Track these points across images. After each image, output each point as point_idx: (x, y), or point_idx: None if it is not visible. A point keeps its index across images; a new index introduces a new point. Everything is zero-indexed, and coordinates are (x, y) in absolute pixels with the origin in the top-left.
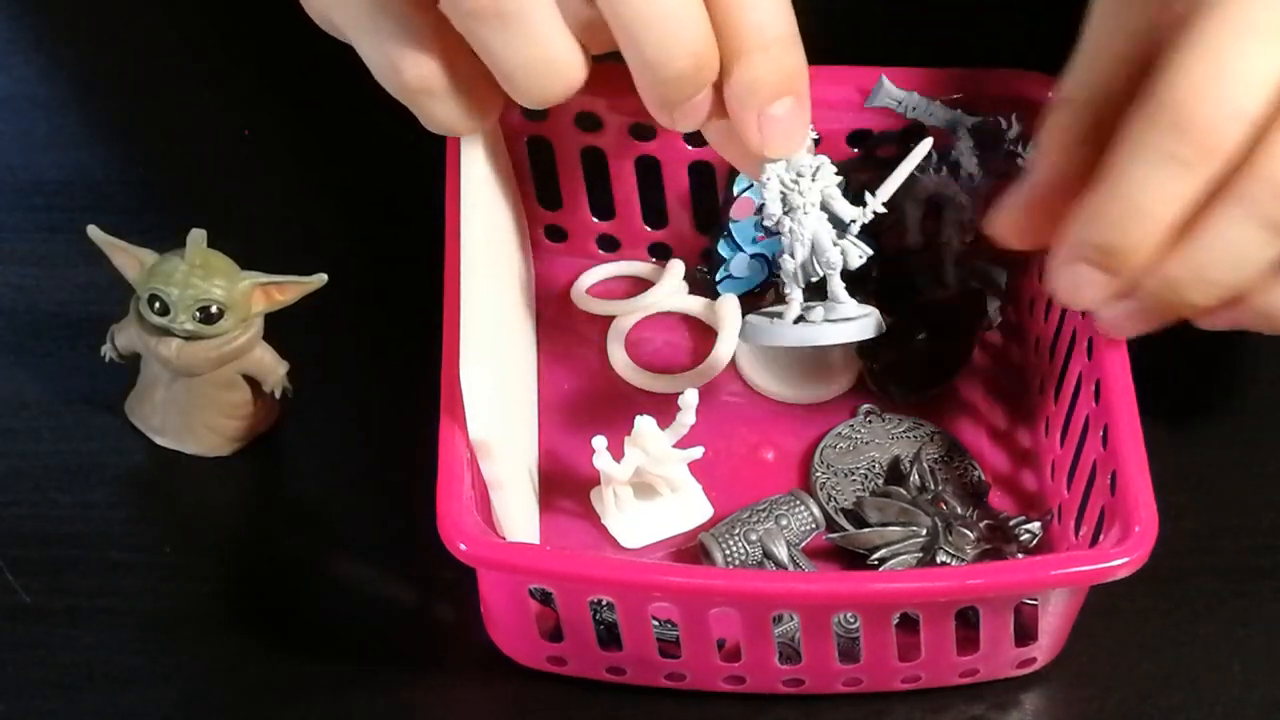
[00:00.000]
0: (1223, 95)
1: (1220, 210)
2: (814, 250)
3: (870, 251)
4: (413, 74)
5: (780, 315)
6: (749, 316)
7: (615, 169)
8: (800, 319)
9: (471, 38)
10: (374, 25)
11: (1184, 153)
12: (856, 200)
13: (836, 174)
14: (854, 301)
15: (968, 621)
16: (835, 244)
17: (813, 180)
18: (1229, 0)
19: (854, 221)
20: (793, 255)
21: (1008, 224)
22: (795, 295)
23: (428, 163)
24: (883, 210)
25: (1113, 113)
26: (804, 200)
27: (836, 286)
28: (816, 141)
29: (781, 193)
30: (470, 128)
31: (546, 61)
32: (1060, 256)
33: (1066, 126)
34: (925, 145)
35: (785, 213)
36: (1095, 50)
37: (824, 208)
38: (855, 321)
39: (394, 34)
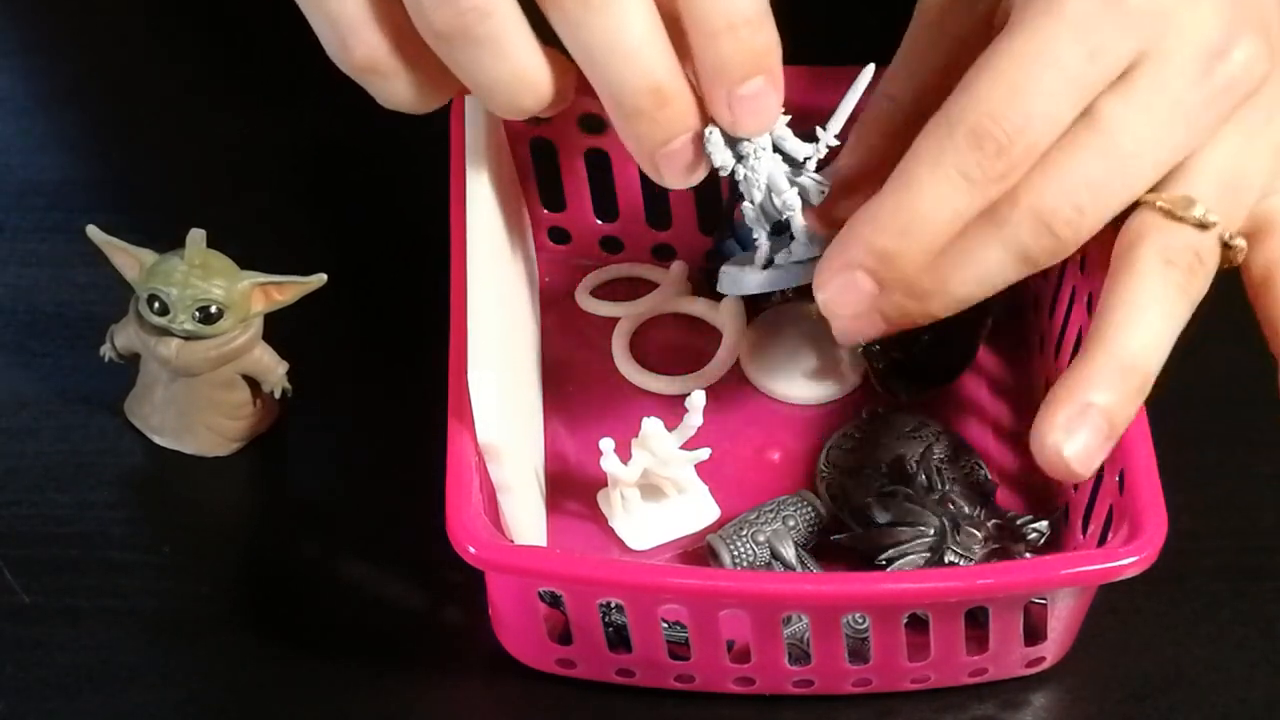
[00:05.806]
0: (1023, 125)
1: (979, 231)
2: (771, 192)
3: (829, 185)
4: (361, 53)
5: (751, 264)
6: (723, 268)
7: (618, 170)
8: (770, 264)
9: (441, 54)
10: (323, 2)
11: (975, 173)
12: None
13: (785, 114)
14: (819, 241)
15: (976, 621)
16: (792, 184)
17: None
18: (1041, 28)
19: (808, 159)
20: (751, 201)
21: (812, 213)
22: (761, 240)
23: (428, 163)
24: (835, 144)
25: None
26: (754, 145)
27: (798, 228)
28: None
29: (729, 140)
30: (424, 106)
31: (517, 77)
32: (836, 263)
33: (878, 121)
34: (867, 73)
35: (737, 160)
36: (919, 49)
37: (777, 149)
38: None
39: (345, 10)
